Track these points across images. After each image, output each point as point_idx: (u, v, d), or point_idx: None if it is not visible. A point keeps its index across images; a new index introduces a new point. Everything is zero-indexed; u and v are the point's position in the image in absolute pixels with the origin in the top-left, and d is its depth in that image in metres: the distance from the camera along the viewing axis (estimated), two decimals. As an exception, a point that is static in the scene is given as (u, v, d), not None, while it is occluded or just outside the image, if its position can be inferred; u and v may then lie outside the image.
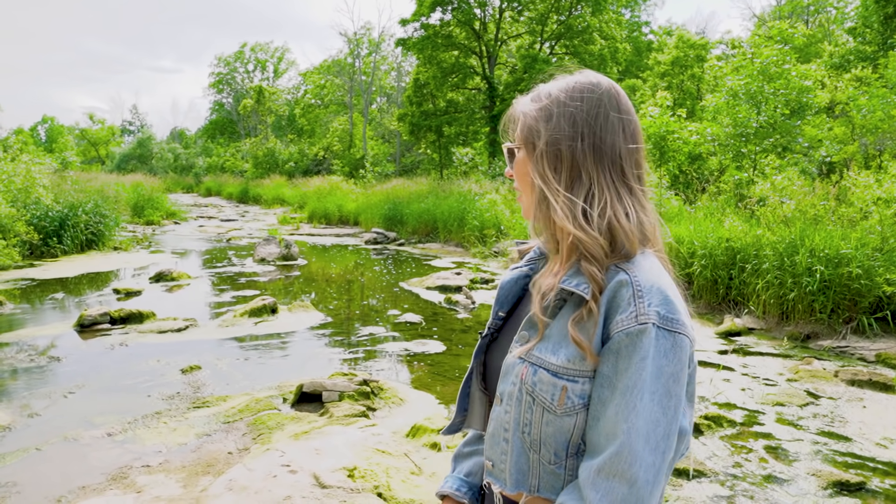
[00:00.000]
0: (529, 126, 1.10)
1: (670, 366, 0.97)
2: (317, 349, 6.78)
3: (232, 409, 4.84)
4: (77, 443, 4.29)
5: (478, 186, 17.38)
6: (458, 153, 23.33)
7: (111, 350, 6.55)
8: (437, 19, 25.75)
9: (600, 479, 0.95)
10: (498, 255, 13.04)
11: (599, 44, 25.23)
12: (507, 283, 1.25)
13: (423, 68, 26.62)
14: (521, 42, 27.18)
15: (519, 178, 1.16)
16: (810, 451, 4.21)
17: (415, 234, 17.37)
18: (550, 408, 1.02)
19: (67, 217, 13.69)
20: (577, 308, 1.04)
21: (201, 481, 3.71)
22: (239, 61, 63.30)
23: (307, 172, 37.68)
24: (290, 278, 11.30)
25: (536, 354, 1.06)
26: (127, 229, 18.22)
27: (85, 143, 68.71)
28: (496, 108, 25.12)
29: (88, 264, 12.33)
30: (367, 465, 3.77)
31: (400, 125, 28.77)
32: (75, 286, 10.20)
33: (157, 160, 58.36)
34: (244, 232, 19.56)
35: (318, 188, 26.21)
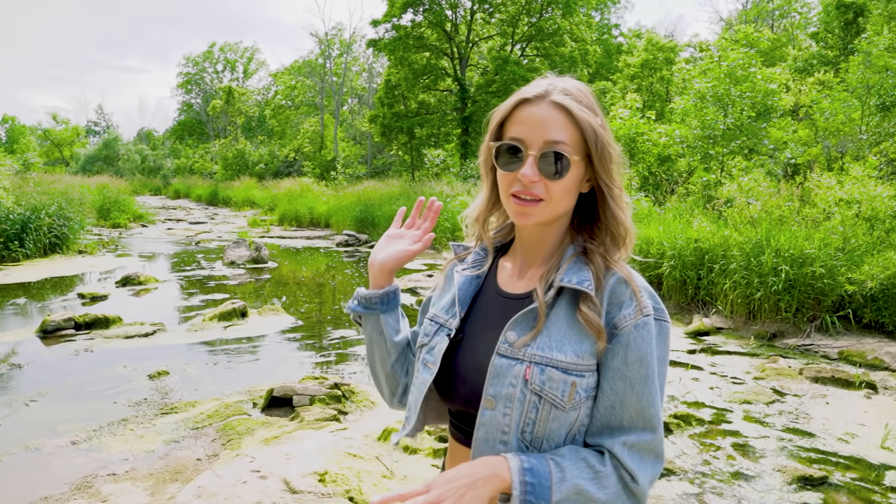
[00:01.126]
0: (599, 137, 1.10)
1: (661, 350, 1.10)
2: (288, 353, 6.72)
3: (201, 415, 4.77)
4: (39, 452, 4.19)
5: (449, 188, 17.39)
6: (430, 155, 23.35)
7: (76, 356, 6.41)
8: (408, 20, 25.75)
9: (637, 454, 1.06)
10: (470, 257, 13.07)
11: (570, 46, 25.45)
12: (464, 285, 1.23)
13: (395, 69, 26.59)
14: (492, 44, 27.29)
15: (567, 185, 1.10)
16: (776, 447, 4.29)
17: (387, 235, 17.33)
18: (560, 404, 1.06)
19: (30, 220, 13.36)
20: (572, 304, 1.10)
21: (169, 489, 3.65)
22: (208, 61, 62.54)
23: (278, 174, 37.37)
24: (260, 281, 11.18)
25: (539, 353, 1.07)
26: (92, 232, 17.86)
27: (48, 143, 67.31)
28: (468, 109, 25.18)
29: (52, 268, 12.06)
30: (339, 469, 3.74)
31: (371, 127, 28.69)
32: (38, 291, 9.97)
33: (124, 162, 57.39)
34: (214, 235, 19.33)
35: (289, 190, 25.99)
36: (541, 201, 1.10)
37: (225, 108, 48.68)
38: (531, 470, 1.02)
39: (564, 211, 1.14)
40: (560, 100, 1.08)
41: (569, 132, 1.08)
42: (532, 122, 1.09)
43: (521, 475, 1.02)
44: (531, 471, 1.02)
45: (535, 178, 1.08)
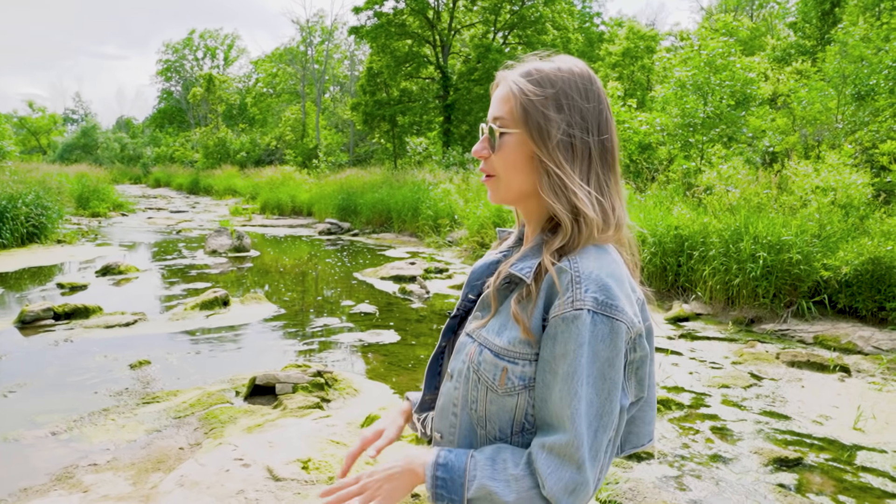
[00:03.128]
0: (535, 111, 1.07)
1: (606, 350, 1.00)
2: (270, 341, 6.72)
3: (183, 404, 4.76)
4: (18, 443, 4.16)
5: (432, 176, 17.38)
6: (412, 143, 23.27)
7: (55, 346, 6.36)
8: (390, 7, 25.58)
9: (552, 457, 1.00)
10: (452, 245, 13.08)
11: (552, 34, 25.43)
12: (479, 268, 1.27)
13: (377, 57, 26.42)
14: (474, 31, 27.19)
15: (505, 160, 1.11)
16: (753, 430, 4.37)
17: (369, 224, 17.30)
18: (493, 387, 1.07)
19: (6, 209, 13.17)
20: (517, 291, 1.09)
21: (151, 478, 3.65)
22: (188, 48, 61.75)
23: (259, 162, 37.09)
24: (242, 270, 11.13)
25: (484, 335, 1.10)
26: (71, 222, 17.64)
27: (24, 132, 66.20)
28: (450, 97, 25.11)
29: (30, 258, 11.92)
30: (322, 456, 3.76)
31: (353, 114, 28.53)
32: (16, 281, 9.85)
33: (103, 150, 56.61)
34: (195, 223, 19.18)
35: (271, 178, 25.82)
36: (492, 177, 1.15)
37: (205, 96, 48.11)
38: (445, 465, 1.06)
39: (519, 188, 1.12)
40: (510, 77, 1.12)
41: (508, 107, 1.10)
42: (493, 102, 1.15)
43: (434, 469, 1.06)
44: (445, 466, 1.06)
45: (483, 154, 1.14)
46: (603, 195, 1.09)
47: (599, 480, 1.06)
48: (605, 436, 1.02)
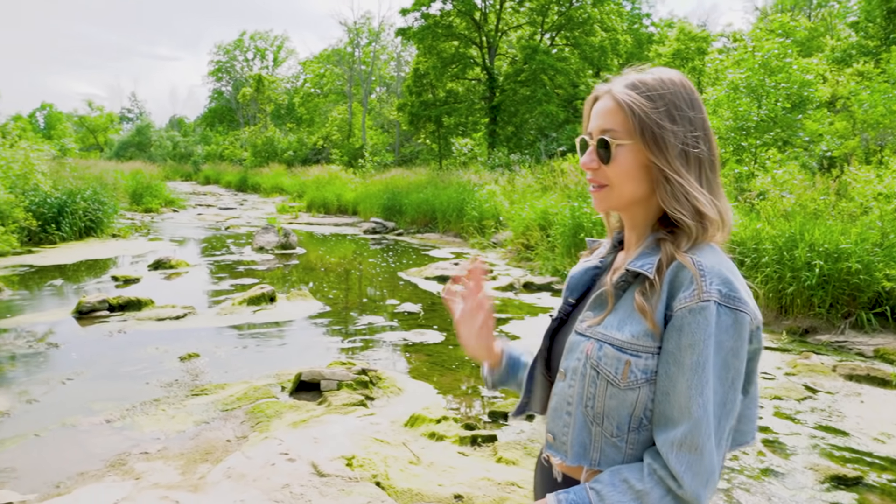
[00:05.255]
0: (651, 123, 1.12)
1: (730, 340, 1.05)
2: (315, 338, 6.78)
3: (230, 397, 4.84)
4: (75, 429, 4.29)
5: (477, 177, 17.34)
6: (458, 143, 23.29)
7: (109, 337, 6.54)
8: (437, 9, 25.64)
9: (683, 453, 1.04)
10: (496, 246, 13.03)
11: (600, 35, 25.16)
12: (578, 273, 1.35)
13: (423, 58, 26.52)
14: (521, 33, 27.07)
15: (619, 171, 1.16)
16: (808, 445, 4.22)
17: (413, 224, 17.35)
18: (614, 381, 1.10)
19: (66, 204, 13.64)
20: (639, 287, 1.14)
21: (199, 468, 3.71)
22: (238, 49, 62.97)
23: (306, 161, 37.57)
24: (288, 267, 11.28)
25: (601, 331, 1.15)
26: (125, 217, 18.16)
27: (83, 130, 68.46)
28: (496, 98, 25.05)
29: (87, 251, 12.30)
30: (366, 453, 3.77)
31: (399, 115, 28.69)
32: (74, 273, 10.17)
33: (156, 148, 58.10)
34: (243, 220, 19.53)
35: (317, 177, 26.13)
36: (604, 187, 1.19)
37: (255, 96, 49.00)
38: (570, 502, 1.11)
39: (631, 195, 1.18)
40: (615, 90, 1.17)
41: (619, 119, 1.15)
42: (595, 115, 1.20)
43: None
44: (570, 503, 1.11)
45: (592, 166, 1.19)
46: (716, 197, 1.15)
47: (721, 469, 1.09)
48: (727, 424, 1.07)
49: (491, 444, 4.09)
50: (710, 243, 1.14)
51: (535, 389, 1.34)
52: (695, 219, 1.12)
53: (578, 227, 9.80)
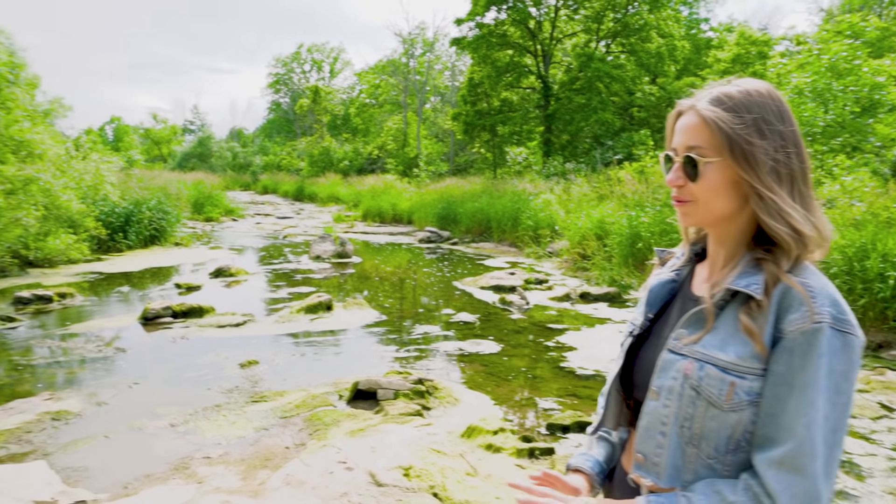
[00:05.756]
0: (739, 139, 1.10)
1: (841, 364, 1.03)
2: (371, 347, 6.82)
3: (289, 405, 4.90)
4: (142, 432, 4.41)
5: (532, 186, 17.24)
6: (512, 152, 23.20)
7: (173, 343, 6.73)
8: (491, 18, 25.64)
9: (782, 473, 1.01)
10: (552, 256, 12.90)
11: (657, 42, 24.75)
12: (656, 287, 1.32)
13: (478, 67, 26.55)
14: (576, 40, 26.85)
15: (706, 188, 1.14)
16: (885, 467, 4.01)
17: (468, 233, 17.35)
18: (717, 403, 1.08)
19: (132, 213, 14.17)
20: (742, 307, 1.10)
21: (259, 475, 3.77)
22: (296, 62, 64.39)
23: (361, 171, 38.04)
24: (344, 276, 11.42)
25: (701, 350, 1.11)
26: (187, 225, 18.72)
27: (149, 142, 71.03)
28: (551, 107, 24.88)
29: (151, 259, 12.73)
30: (423, 464, 3.76)
31: (454, 124, 28.78)
32: (139, 280, 10.53)
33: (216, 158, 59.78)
34: (300, 229, 19.88)
35: (373, 187, 26.43)
36: (690, 203, 1.17)
37: (311, 107, 49.97)
38: None
39: (719, 212, 1.15)
40: (700, 106, 1.14)
41: (706, 136, 1.13)
42: (680, 131, 1.18)
43: None
44: None
45: (679, 183, 1.17)
46: (811, 212, 1.12)
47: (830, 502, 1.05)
48: (838, 452, 1.03)
49: (549, 457, 4.03)
50: (807, 262, 1.12)
51: (609, 405, 1.31)
52: (792, 237, 1.09)
53: (636, 237, 9.62)
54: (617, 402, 1.30)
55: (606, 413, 1.32)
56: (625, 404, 1.31)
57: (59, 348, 6.47)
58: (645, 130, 22.61)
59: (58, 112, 15.16)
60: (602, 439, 1.39)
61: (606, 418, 1.32)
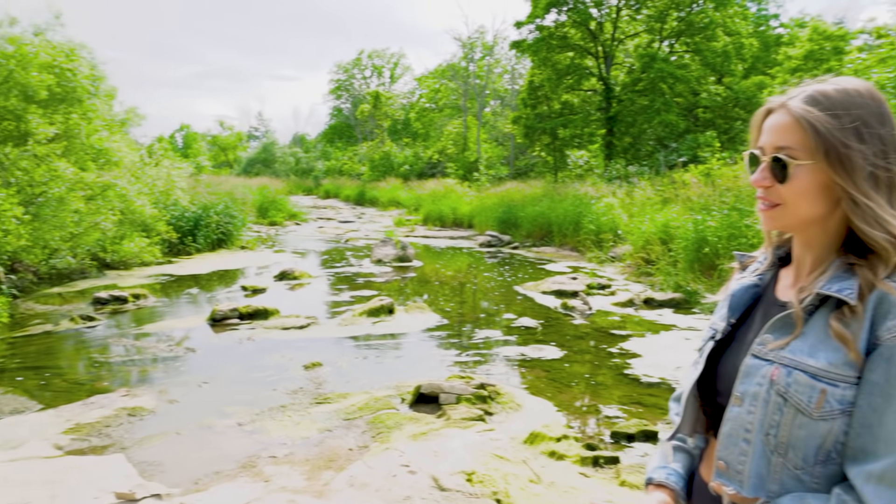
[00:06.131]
0: (835, 142, 1.05)
1: None
2: (432, 350, 6.84)
3: (352, 407, 4.95)
4: (211, 430, 4.54)
5: (593, 189, 17.01)
6: (573, 156, 22.96)
7: (240, 344, 6.90)
8: (551, 21, 25.44)
9: (882, 488, 0.97)
10: (614, 261, 12.69)
11: (723, 40, 24.08)
12: (738, 292, 1.27)
13: (538, 70, 26.40)
14: (638, 41, 26.39)
15: (795, 191, 1.10)
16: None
17: (529, 237, 17.24)
18: (806, 410, 1.03)
19: (201, 217, 14.66)
20: (834, 313, 1.06)
21: (323, 475, 3.82)
22: (356, 68, 65.34)
23: (422, 175, 38.28)
24: (405, 279, 11.50)
25: (789, 356, 1.07)
26: (252, 229, 19.21)
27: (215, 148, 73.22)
28: (612, 109, 24.51)
29: (218, 262, 13.11)
30: (485, 470, 3.74)
31: (514, 128, 28.68)
32: (207, 282, 10.86)
33: (280, 164, 61.15)
34: (361, 233, 20.15)
35: (433, 191, 26.57)
36: (777, 206, 1.13)
37: (372, 112, 50.66)
38: None
39: (807, 216, 1.11)
40: (793, 105, 1.09)
41: (797, 137, 1.08)
42: (769, 129, 1.13)
43: None
44: None
45: (765, 184, 1.12)
46: None
47: None
48: None
49: (613, 465, 3.95)
50: None
51: (687, 412, 1.27)
52: (892, 243, 1.04)
53: (702, 242, 9.36)
54: (694, 408, 1.26)
55: (683, 420, 1.27)
56: (702, 411, 1.27)
57: (133, 347, 6.72)
58: (711, 132, 22.04)
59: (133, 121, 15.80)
60: (679, 449, 1.34)
61: (683, 425, 1.28)
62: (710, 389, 1.24)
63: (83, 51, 11.79)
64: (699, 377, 1.24)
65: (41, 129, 9.94)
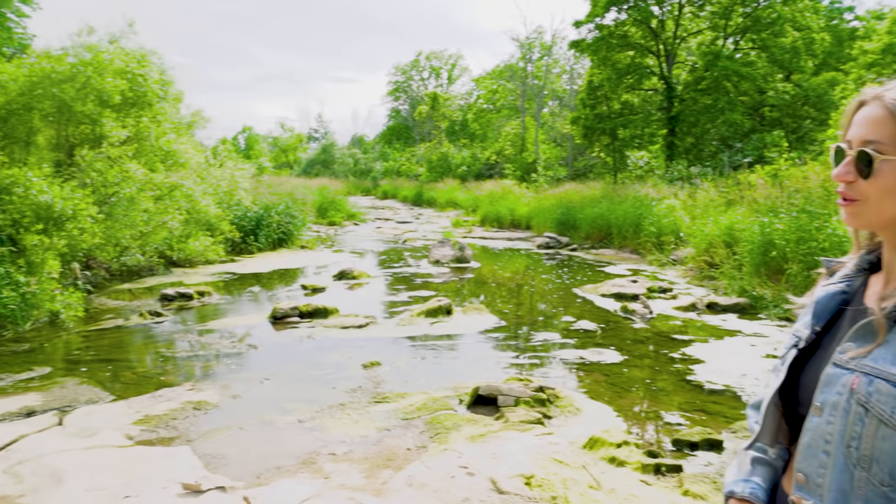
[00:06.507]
0: None
1: None
2: (490, 352, 6.81)
3: (410, 407, 4.97)
4: (272, 426, 4.62)
5: (654, 191, 16.67)
6: (633, 156, 22.55)
7: (300, 342, 7.02)
8: (611, 19, 25.07)
9: None
10: (676, 264, 12.39)
11: (792, 35, 23.25)
12: (824, 299, 1.22)
13: (597, 70, 26.05)
14: (702, 38, 25.74)
15: (881, 187, 1.05)
16: None
17: (588, 239, 17.01)
18: (889, 421, 0.98)
19: (263, 217, 15.00)
20: None
21: (382, 474, 3.83)
22: (414, 69, 65.78)
23: (479, 176, 38.26)
24: (463, 280, 11.50)
25: (870, 364, 1.02)
26: (312, 229, 19.55)
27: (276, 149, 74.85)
28: (674, 108, 23.98)
29: (279, 261, 13.39)
30: (544, 473, 3.69)
31: (572, 128, 28.37)
32: (268, 281, 11.10)
33: (339, 165, 62.06)
34: (418, 234, 20.26)
35: (491, 192, 26.52)
36: (856, 202, 1.08)
37: (430, 113, 50.95)
38: None
39: (892, 215, 1.06)
40: (888, 97, 1.04)
41: (889, 131, 1.03)
42: (858, 122, 1.08)
43: None
44: None
45: (848, 178, 1.08)
46: None
47: None
48: None
49: (676, 474, 3.85)
50: None
51: (766, 420, 1.21)
52: None
53: (769, 245, 9.04)
54: (775, 417, 1.21)
55: (763, 429, 1.22)
56: (783, 420, 1.22)
57: (197, 343, 6.92)
58: (778, 131, 21.33)
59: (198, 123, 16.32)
60: (760, 461, 1.28)
61: (763, 434, 1.23)
62: (792, 399, 1.18)
63: (153, 57, 12.26)
64: (781, 386, 1.19)
65: (114, 132, 10.37)
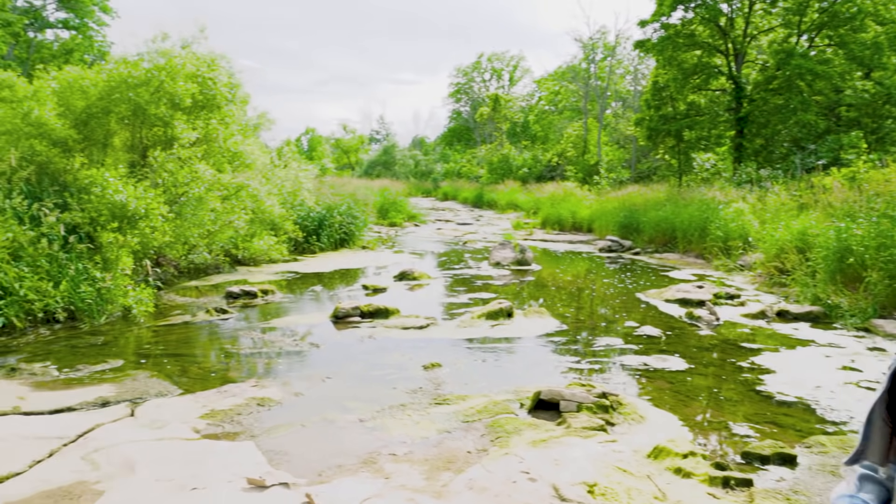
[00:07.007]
0: None
1: None
2: (551, 356, 6.72)
3: (470, 409, 4.94)
4: (334, 424, 4.67)
5: (721, 194, 16.17)
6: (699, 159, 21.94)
7: (361, 342, 7.08)
8: (678, 18, 24.46)
9: None
10: (744, 270, 11.99)
11: (874, 30, 22.17)
12: None
13: (662, 70, 25.47)
14: (773, 36, 24.84)
15: None
16: None
17: (651, 243, 16.64)
18: None
19: (325, 218, 15.25)
20: None
21: (442, 476, 3.82)
22: (476, 71, 65.77)
23: (540, 178, 37.96)
24: (523, 283, 11.40)
25: None
26: (373, 230, 19.75)
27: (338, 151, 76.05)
28: (743, 109, 23.22)
29: (340, 261, 13.57)
30: (608, 482, 3.61)
31: (636, 130, 27.84)
32: (329, 280, 11.26)
33: (400, 166, 62.62)
34: (479, 236, 20.22)
35: (552, 194, 26.28)
36: None
37: (491, 115, 50.83)
38: None
39: None
40: None
41: None
42: None
43: None
44: None
45: None
46: None
47: None
48: None
49: (746, 488, 3.70)
50: None
51: (874, 436, 1.14)
52: None
53: (846, 251, 8.63)
54: (883, 433, 1.14)
55: (869, 444, 1.16)
56: (893, 436, 1.15)
57: (261, 340, 7.06)
58: (856, 132, 20.37)
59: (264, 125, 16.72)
60: (869, 479, 1.20)
61: (869, 450, 1.16)
62: None
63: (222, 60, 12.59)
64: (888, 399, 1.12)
65: (185, 134, 10.72)
